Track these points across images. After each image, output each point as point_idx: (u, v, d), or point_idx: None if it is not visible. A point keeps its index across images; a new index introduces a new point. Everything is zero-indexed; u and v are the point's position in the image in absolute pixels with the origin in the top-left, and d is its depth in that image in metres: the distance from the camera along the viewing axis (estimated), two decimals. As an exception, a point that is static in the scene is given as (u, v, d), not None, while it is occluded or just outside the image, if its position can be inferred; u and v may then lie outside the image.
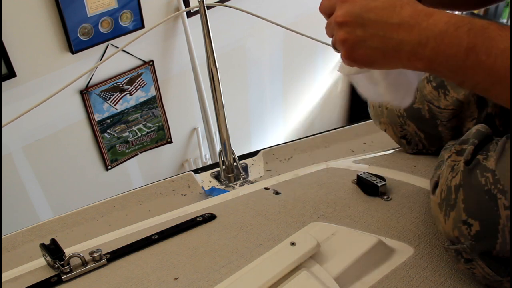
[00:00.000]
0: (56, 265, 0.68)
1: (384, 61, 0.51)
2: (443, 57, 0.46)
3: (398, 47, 0.49)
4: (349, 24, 0.51)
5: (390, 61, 0.51)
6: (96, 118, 1.86)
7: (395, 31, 0.48)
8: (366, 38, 0.50)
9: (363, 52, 0.51)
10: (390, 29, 0.49)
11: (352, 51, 0.52)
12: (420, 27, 0.47)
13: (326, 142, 1.16)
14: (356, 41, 0.51)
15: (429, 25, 0.47)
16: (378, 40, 0.50)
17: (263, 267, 0.61)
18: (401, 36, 0.48)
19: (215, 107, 1.09)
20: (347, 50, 0.52)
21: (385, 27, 0.49)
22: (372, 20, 0.49)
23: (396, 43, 0.49)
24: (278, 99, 2.65)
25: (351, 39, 0.51)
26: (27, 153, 1.72)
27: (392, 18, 0.49)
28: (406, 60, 0.49)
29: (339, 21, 0.51)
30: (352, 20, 0.50)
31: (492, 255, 0.54)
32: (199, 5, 1.04)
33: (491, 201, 0.53)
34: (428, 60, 0.48)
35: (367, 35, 0.50)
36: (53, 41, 1.61)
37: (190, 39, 1.93)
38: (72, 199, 1.92)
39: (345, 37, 0.51)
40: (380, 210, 0.75)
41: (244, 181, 1.08)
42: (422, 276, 0.62)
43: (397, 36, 0.48)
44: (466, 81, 0.47)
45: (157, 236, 0.74)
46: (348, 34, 0.51)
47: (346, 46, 0.52)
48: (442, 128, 0.81)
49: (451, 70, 0.47)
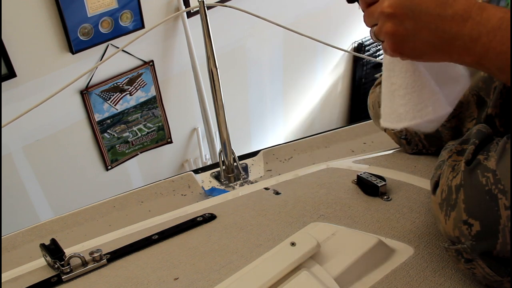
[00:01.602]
0: (56, 265, 0.68)
1: (433, 55, 0.50)
2: (493, 54, 0.45)
3: (450, 40, 0.47)
4: (398, 16, 0.49)
5: (439, 55, 0.50)
6: (96, 118, 1.86)
7: (448, 24, 0.47)
8: (417, 31, 0.49)
9: (412, 45, 0.50)
10: (442, 22, 0.47)
11: (401, 44, 0.50)
12: (474, 21, 0.46)
13: (326, 142, 1.16)
14: (406, 34, 0.49)
15: (482, 20, 0.46)
16: (429, 33, 0.48)
17: (263, 267, 0.61)
18: (454, 30, 0.47)
19: (215, 107, 1.09)
20: (395, 43, 0.50)
21: (438, 20, 0.47)
22: (424, 12, 0.48)
23: (448, 37, 0.47)
24: (278, 99, 2.65)
25: (400, 32, 0.49)
26: (27, 153, 1.72)
27: (445, 11, 0.47)
28: (456, 54, 0.48)
29: (388, 12, 0.49)
30: (402, 12, 0.48)
31: (493, 255, 0.54)
32: (199, 5, 1.04)
33: (491, 201, 0.53)
34: (478, 56, 0.47)
35: (417, 28, 0.48)
36: (53, 41, 1.61)
37: (190, 39, 1.93)
38: (72, 199, 1.92)
39: (393, 29, 0.50)
40: (380, 210, 0.75)
41: (244, 181, 1.08)
42: (422, 276, 0.62)
43: (449, 29, 0.47)
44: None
45: (157, 236, 0.74)
46: (397, 26, 0.49)
47: (394, 38, 0.50)
48: (442, 128, 0.81)
49: (500, 68, 0.46)
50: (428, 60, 0.52)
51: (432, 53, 0.50)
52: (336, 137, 1.17)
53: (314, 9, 2.50)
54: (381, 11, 0.50)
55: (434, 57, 0.51)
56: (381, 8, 0.50)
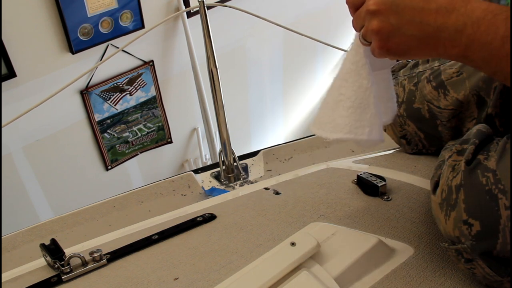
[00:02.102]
0: (56, 265, 0.68)
1: (419, 49, 0.50)
2: (478, 45, 0.46)
3: (435, 33, 0.48)
4: (382, 12, 0.49)
5: (425, 49, 0.50)
6: (96, 118, 1.86)
7: (433, 17, 0.47)
8: (401, 26, 0.49)
9: (398, 40, 0.50)
10: (427, 15, 0.47)
11: (387, 41, 0.50)
12: (458, 13, 0.46)
13: (326, 142, 1.16)
14: (391, 30, 0.50)
15: (467, 11, 0.46)
16: (415, 27, 0.48)
17: (263, 267, 0.60)
18: (439, 22, 0.47)
19: (215, 107, 1.09)
20: (382, 40, 0.51)
21: (422, 13, 0.48)
22: (408, 7, 0.48)
23: (433, 30, 0.48)
24: (278, 99, 2.66)
25: (386, 28, 0.50)
26: (27, 153, 1.72)
27: (429, 4, 0.47)
28: (442, 47, 0.48)
29: (372, 9, 0.50)
30: (386, 8, 0.49)
31: (493, 255, 0.54)
32: (199, 5, 1.04)
33: (492, 201, 0.53)
34: (463, 47, 0.47)
35: (402, 22, 0.49)
36: (53, 41, 1.61)
37: (190, 39, 1.93)
38: (72, 199, 1.92)
39: (379, 26, 0.50)
40: (380, 210, 0.75)
41: (244, 181, 1.08)
42: (422, 276, 0.62)
43: (434, 22, 0.47)
44: (498, 71, 0.47)
45: (157, 236, 0.74)
46: (382, 23, 0.50)
47: (380, 35, 0.50)
48: (442, 128, 0.81)
49: (485, 59, 0.46)
50: (414, 55, 0.52)
51: (418, 48, 0.50)
52: (336, 137, 1.17)
53: (314, 9, 2.50)
54: (366, 10, 0.51)
55: (420, 52, 0.51)
56: (366, 7, 0.51)
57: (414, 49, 0.50)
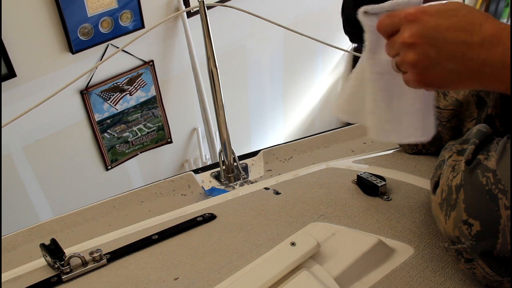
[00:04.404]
0: (56, 265, 0.68)
1: (460, 83, 0.47)
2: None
3: (479, 68, 0.45)
4: (419, 45, 0.46)
5: (467, 83, 0.47)
6: (96, 118, 1.86)
7: (476, 52, 0.44)
8: (441, 60, 0.46)
9: (436, 75, 0.47)
10: (470, 49, 0.44)
11: (424, 74, 0.47)
12: (505, 47, 0.43)
13: (326, 142, 1.16)
14: (429, 64, 0.47)
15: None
16: (456, 62, 0.45)
17: (263, 267, 0.60)
18: (483, 57, 0.44)
19: (215, 107, 1.09)
20: (419, 74, 0.48)
21: (464, 47, 0.45)
22: (448, 41, 0.45)
23: (477, 65, 0.45)
24: (278, 99, 2.66)
25: (423, 61, 0.47)
26: (27, 153, 1.72)
27: (472, 37, 0.44)
28: (487, 82, 0.46)
29: (409, 42, 0.47)
30: (423, 41, 0.46)
31: (493, 255, 0.54)
32: (199, 5, 1.04)
33: (492, 201, 0.53)
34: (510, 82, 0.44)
35: (442, 56, 0.46)
36: (53, 41, 1.61)
37: (190, 39, 1.93)
38: (72, 199, 1.92)
39: (415, 59, 0.47)
40: (380, 210, 0.75)
41: (244, 181, 1.08)
42: (422, 276, 0.62)
43: (478, 57, 0.44)
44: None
45: (157, 236, 0.74)
46: (420, 56, 0.47)
47: (417, 69, 0.47)
48: (442, 128, 0.81)
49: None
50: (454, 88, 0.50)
51: (459, 82, 0.47)
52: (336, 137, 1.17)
53: (314, 9, 2.50)
54: (402, 42, 0.48)
55: (461, 85, 0.48)
56: (401, 39, 0.48)
57: (455, 83, 0.48)
